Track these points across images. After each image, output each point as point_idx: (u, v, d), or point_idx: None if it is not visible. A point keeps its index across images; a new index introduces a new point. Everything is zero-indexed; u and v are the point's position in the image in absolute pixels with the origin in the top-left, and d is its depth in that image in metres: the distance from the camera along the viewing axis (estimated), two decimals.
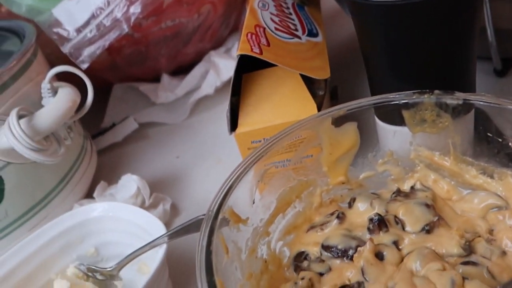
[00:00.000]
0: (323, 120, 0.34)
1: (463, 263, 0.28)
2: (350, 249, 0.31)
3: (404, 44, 0.33)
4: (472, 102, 0.32)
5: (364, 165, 0.37)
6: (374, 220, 0.32)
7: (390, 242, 0.31)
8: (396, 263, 0.29)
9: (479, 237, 0.30)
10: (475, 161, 0.34)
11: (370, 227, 0.32)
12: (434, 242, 0.30)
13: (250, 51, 0.38)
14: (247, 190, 0.32)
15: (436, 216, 0.31)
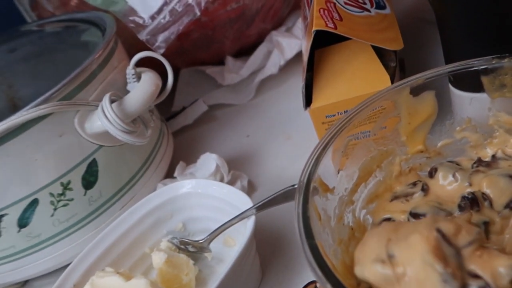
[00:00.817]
0: (401, 90, 0.35)
1: None
2: None
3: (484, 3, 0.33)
4: None
5: (442, 133, 0.37)
6: (466, 198, 0.32)
7: (481, 223, 0.31)
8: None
9: None
10: None
11: (461, 204, 0.32)
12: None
13: (325, 26, 0.39)
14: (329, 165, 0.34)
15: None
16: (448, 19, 0.36)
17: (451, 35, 0.37)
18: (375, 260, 0.26)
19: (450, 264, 0.24)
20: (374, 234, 0.28)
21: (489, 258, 0.24)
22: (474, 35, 0.35)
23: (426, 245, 0.24)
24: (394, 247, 0.26)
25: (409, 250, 0.25)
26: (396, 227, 0.27)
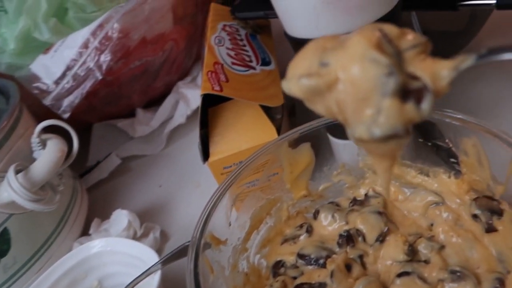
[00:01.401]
0: (280, 144, 0.40)
1: (398, 275, 0.33)
2: (322, 258, 0.37)
3: None
4: None
5: (321, 178, 0.42)
6: (343, 236, 0.37)
7: (357, 257, 0.36)
8: (358, 278, 0.34)
9: (421, 238, 0.36)
10: (413, 163, 0.40)
11: (339, 242, 0.37)
12: (385, 251, 0.36)
13: (212, 90, 0.43)
14: (224, 214, 0.38)
15: (386, 227, 0.37)
16: None
17: None
18: (303, 73, 0.24)
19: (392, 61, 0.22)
20: (310, 45, 0.25)
21: (433, 62, 0.23)
22: None
23: (368, 42, 0.22)
24: (330, 54, 0.24)
25: (346, 53, 0.23)
26: (335, 36, 0.25)
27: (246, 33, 0.57)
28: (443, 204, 0.38)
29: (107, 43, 0.53)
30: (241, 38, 0.54)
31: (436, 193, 0.38)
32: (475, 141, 0.34)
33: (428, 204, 0.38)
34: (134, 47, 0.59)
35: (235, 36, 0.54)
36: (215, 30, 0.54)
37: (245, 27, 0.58)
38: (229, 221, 0.38)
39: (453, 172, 0.38)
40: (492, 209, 0.34)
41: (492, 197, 0.34)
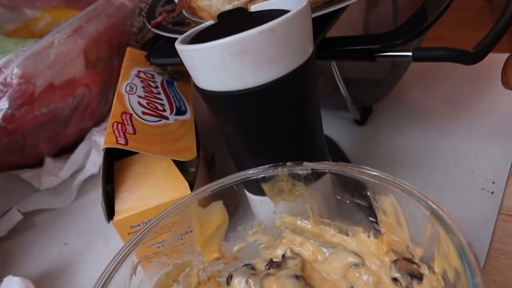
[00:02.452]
0: (189, 204, 0.36)
1: None
2: None
3: (254, 126, 0.36)
4: (319, 171, 0.36)
5: (236, 238, 0.39)
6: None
7: None
8: None
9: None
10: (332, 222, 0.37)
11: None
12: None
13: (116, 143, 0.39)
14: (124, 283, 0.33)
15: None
16: (229, 139, 0.38)
17: (234, 146, 0.39)
18: None
19: None
20: None
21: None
22: (253, 148, 0.38)
23: None
24: None
25: None
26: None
27: (162, 80, 0.53)
28: (363, 266, 0.35)
29: (5, 89, 0.49)
30: (156, 86, 0.51)
31: (356, 253, 0.36)
32: (392, 200, 0.32)
33: (348, 265, 0.36)
34: (39, 93, 0.54)
35: (149, 83, 0.51)
36: (127, 76, 0.51)
37: (162, 73, 0.55)
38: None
39: (372, 231, 0.35)
40: (412, 272, 0.32)
41: (411, 260, 0.32)
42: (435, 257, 0.29)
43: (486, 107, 0.53)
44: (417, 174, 0.48)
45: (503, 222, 0.37)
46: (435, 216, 0.29)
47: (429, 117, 0.55)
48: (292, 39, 0.33)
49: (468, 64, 0.42)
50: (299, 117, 0.37)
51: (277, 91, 0.34)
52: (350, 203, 0.37)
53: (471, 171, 0.46)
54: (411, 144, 0.52)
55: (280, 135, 0.37)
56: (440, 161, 0.48)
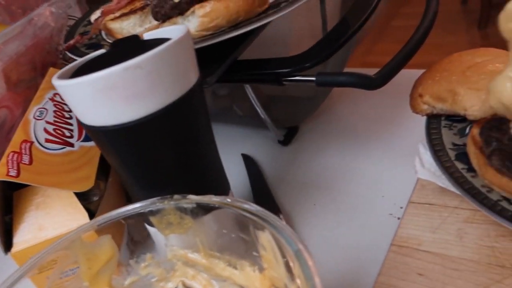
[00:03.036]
0: (74, 239, 0.35)
1: None
2: None
3: (136, 160, 0.36)
4: (203, 204, 0.35)
5: (128, 272, 0.38)
6: None
7: None
8: None
9: None
10: (222, 255, 0.37)
11: None
12: None
13: (6, 175, 0.38)
14: None
15: None
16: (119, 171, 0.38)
17: (125, 180, 0.38)
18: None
19: None
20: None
21: None
22: (138, 181, 0.37)
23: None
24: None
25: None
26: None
27: None
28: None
29: None
30: (69, 109, 0.50)
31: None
32: (269, 236, 0.32)
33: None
34: None
35: (63, 107, 0.50)
36: (40, 100, 0.50)
37: None
38: None
39: (257, 266, 0.35)
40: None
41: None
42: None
43: (403, 128, 0.53)
44: (331, 198, 0.47)
45: (393, 253, 0.37)
46: (298, 257, 0.29)
47: (350, 138, 0.55)
48: (165, 73, 0.32)
49: (370, 89, 0.41)
50: (185, 148, 0.36)
51: (154, 125, 0.33)
52: (237, 237, 0.36)
53: (382, 195, 0.45)
54: (330, 166, 0.51)
55: (165, 167, 0.36)
56: (354, 183, 0.48)
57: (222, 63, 0.45)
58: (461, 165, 0.37)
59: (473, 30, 2.58)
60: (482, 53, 0.43)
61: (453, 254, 0.35)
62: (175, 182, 0.38)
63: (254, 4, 0.44)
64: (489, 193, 0.34)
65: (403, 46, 0.44)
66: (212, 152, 0.39)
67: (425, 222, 0.38)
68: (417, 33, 0.46)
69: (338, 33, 0.47)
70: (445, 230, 0.37)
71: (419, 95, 0.43)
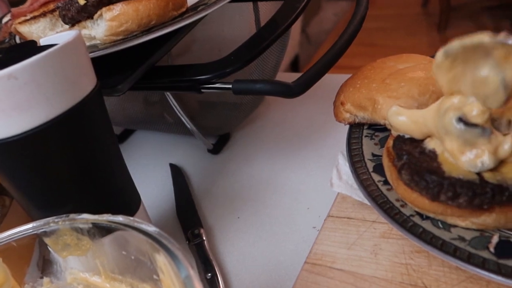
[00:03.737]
0: None
1: None
2: None
3: (26, 177, 0.33)
4: (100, 225, 0.32)
5: None
6: None
7: None
8: None
9: None
10: (124, 278, 0.34)
11: None
12: None
13: None
14: None
15: None
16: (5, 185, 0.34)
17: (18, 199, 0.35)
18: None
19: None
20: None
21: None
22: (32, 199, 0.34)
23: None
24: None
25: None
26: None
27: None
28: None
29: None
30: None
31: None
32: (164, 259, 0.29)
33: None
34: None
35: None
36: None
37: None
38: None
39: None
40: None
41: None
42: None
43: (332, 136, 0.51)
44: (255, 210, 0.45)
45: (306, 272, 0.35)
46: (186, 284, 0.26)
47: (280, 145, 0.53)
48: (46, 83, 0.29)
49: (289, 97, 0.40)
50: (81, 162, 0.34)
51: (41, 138, 0.31)
52: (137, 259, 0.33)
53: (307, 207, 0.44)
54: (258, 176, 0.49)
55: (60, 183, 0.34)
56: (281, 195, 0.46)
57: (135, 69, 0.42)
58: (378, 177, 0.36)
59: (433, 33, 2.62)
60: (405, 59, 0.42)
61: (366, 273, 0.33)
62: (74, 199, 0.35)
63: (168, 8, 0.42)
64: (403, 208, 0.33)
65: (325, 52, 0.43)
66: (117, 164, 0.37)
67: (342, 237, 0.36)
68: (340, 40, 0.44)
69: (261, 38, 0.44)
70: (361, 246, 0.35)
71: (341, 103, 0.42)
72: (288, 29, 0.46)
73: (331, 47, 0.43)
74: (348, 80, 0.43)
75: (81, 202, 0.35)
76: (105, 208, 0.33)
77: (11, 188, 0.34)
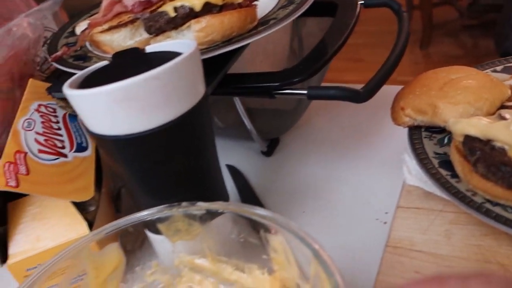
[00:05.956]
0: (81, 248, 0.36)
1: None
2: None
3: (145, 169, 0.37)
4: (213, 211, 0.36)
5: (134, 279, 0.39)
6: None
7: None
8: None
9: None
10: (229, 260, 0.38)
11: None
12: None
13: (5, 186, 0.38)
14: None
15: None
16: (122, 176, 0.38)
17: (129, 187, 0.39)
18: None
19: None
20: None
21: None
22: (145, 189, 0.38)
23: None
24: None
25: None
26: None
27: (64, 114, 0.52)
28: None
29: None
30: (56, 121, 0.50)
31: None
32: (281, 239, 0.34)
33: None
34: None
35: (50, 118, 0.50)
36: (26, 111, 0.49)
37: (65, 107, 0.54)
38: None
39: (266, 268, 0.36)
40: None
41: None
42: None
43: (382, 138, 0.57)
44: (318, 205, 0.50)
45: (389, 254, 0.40)
46: (316, 257, 0.30)
47: (331, 148, 0.57)
48: (179, 84, 0.33)
49: (358, 103, 0.44)
50: (192, 158, 0.38)
51: (166, 135, 0.35)
52: (245, 241, 0.37)
53: (368, 202, 0.48)
54: (313, 175, 0.54)
55: (173, 176, 0.38)
56: (339, 192, 0.51)
57: (216, 76, 0.46)
58: (445, 171, 0.41)
59: (416, 50, 2.72)
60: (455, 70, 0.48)
61: (444, 253, 0.38)
62: (180, 190, 0.39)
63: (247, 21, 0.47)
64: (474, 196, 0.38)
65: (383, 63, 0.48)
66: (215, 162, 0.41)
67: (414, 224, 0.41)
68: (394, 51, 0.49)
69: (323, 50, 0.49)
70: (434, 231, 0.40)
71: (401, 108, 0.47)
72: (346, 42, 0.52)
73: (388, 57, 0.48)
74: (405, 88, 0.49)
75: (185, 194, 0.39)
76: (205, 200, 0.37)
77: (130, 178, 0.37)
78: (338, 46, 0.49)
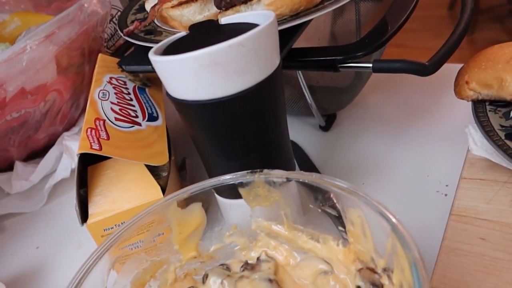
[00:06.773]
0: (168, 204, 0.38)
1: None
2: None
3: (223, 133, 0.38)
4: (293, 179, 0.38)
5: (213, 239, 0.41)
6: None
7: None
8: None
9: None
10: (304, 228, 0.39)
11: None
12: None
13: (90, 148, 0.41)
14: (99, 280, 0.35)
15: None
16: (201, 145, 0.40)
17: (205, 152, 0.41)
18: None
19: None
20: None
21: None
22: (222, 153, 0.40)
23: None
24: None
25: None
26: None
27: (134, 86, 0.55)
28: (332, 273, 0.37)
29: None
30: (128, 92, 0.53)
31: (326, 260, 0.38)
32: (359, 212, 0.34)
33: (318, 272, 0.37)
34: (11, 98, 0.54)
35: (121, 90, 0.52)
36: (100, 83, 0.52)
37: (134, 80, 0.56)
38: (105, 286, 0.35)
39: (341, 240, 0.37)
40: (373, 282, 0.34)
41: (374, 270, 0.34)
42: (394, 269, 0.30)
43: (440, 114, 0.57)
44: (376, 178, 0.51)
45: (454, 222, 0.41)
46: (395, 232, 0.30)
47: (388, 124, 0.58)
48: (260, 52, 0.35)
49: (423, 76, 0.45)
50: (267, 124, 0.39)
51: (246, 100, 0.36)
52: (322, 212, 0.39)
53: (427, 175, 0.49)
54: (371, 150, 0.55)
55: (248, 141, 0.39)
56: (398, 166, 0.52)
57: (283, 49, 0.48)
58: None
59: None
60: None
61: (509, 221, 0.39)
62: (255, 155, 0.40)
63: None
64: None
65: (448, 37, 0.48)
66: (285, 131, 0.42)
67: (479, 194, 0.42)
68: (459, 25, 0.50)
69: (386, 26, 0.50)
70: (499, 201, 0.41)
71: (466, 82, 0.47)
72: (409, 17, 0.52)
73: (453, 30, 0.49)
74: (470, 62, 0.49)
75: (257, 159, 0.41)
76: (273, 167, 0.39)
77: (206, 142, 0.39)
78: (402, 21, 0.50)
